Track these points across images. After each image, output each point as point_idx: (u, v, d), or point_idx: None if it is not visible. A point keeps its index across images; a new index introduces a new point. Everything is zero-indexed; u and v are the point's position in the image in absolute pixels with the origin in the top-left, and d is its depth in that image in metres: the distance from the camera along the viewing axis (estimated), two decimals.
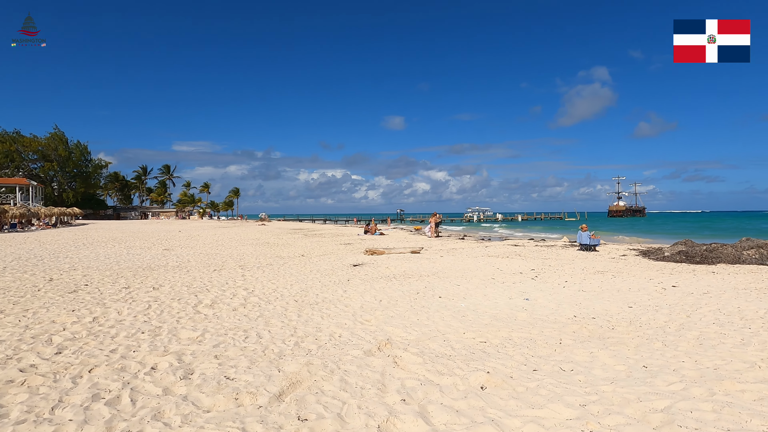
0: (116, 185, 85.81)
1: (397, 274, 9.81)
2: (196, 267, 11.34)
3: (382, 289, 7.84)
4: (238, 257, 13.93)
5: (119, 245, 18.77)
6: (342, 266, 11.39)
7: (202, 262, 12.61)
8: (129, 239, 22.58)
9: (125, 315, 5.72)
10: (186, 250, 16.41)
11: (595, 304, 6.30)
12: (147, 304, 6.34)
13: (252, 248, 17.53)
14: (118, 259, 13.23)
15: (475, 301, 6.62)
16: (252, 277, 9.39)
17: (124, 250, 16.22)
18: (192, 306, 6.27)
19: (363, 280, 8.89)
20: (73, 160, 69.20)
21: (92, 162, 73.92)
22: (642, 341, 4.49)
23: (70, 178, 70.27)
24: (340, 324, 5.31)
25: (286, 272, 10.29)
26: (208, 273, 10.13)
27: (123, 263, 12.11)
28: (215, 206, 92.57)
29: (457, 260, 12.28)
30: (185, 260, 13.03)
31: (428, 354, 4.08)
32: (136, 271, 10.49)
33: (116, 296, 7.08)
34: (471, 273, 9.79)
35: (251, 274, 9.97)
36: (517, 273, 9.84)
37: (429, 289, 7.74)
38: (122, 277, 9.46)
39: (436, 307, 6.24)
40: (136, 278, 9.18)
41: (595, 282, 8.45)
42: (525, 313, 5.77)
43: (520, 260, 12.27)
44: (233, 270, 10.70)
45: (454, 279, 8.95)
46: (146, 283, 8.47)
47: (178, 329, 5.03)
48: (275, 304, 6.52)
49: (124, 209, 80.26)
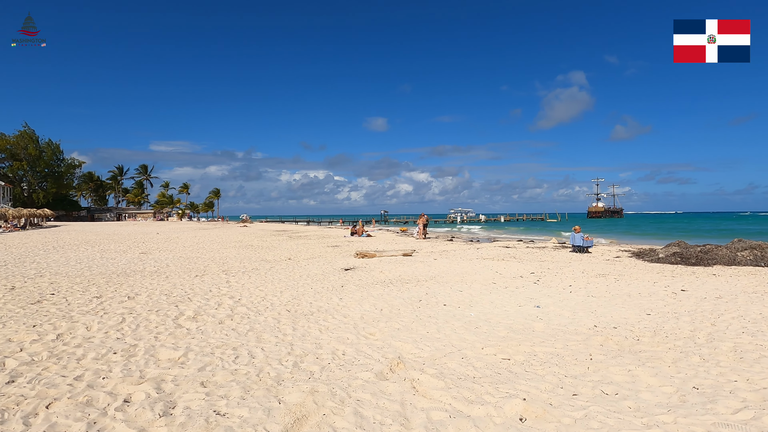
0: (90, 185, 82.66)
1: (393, 278, 9.29)
2: (175, 272, 10.57)
3: (381, 296, 7.31)
4: (221, 261, 13.17)
5: (92, 248, 17.68)
6: (333, 270, 10.81)
7: (183, 266, 11.82)
8: (103, 242, 21.41)
9: (95, 331, 5.03)
10: (165, 254, 15.51)
11: (611, 312, 5.92)
12: (121, 317, 5.65)
13: (235, 251, 16.74)
14: (91, 263, 12.30)
15: (483, 310, 6.16)
16: (238, 284, 8.72)
17: (98, 254, 15.22)
18: (172, 319, 5.61)
19: (358, 286, 8.34)
20: (44, 160, 66.25)
21: (65, 161, 70.95)
22: (677, 355, 4.09)
23: (41, 178, 67.25)
24: (342, 339, 4.75)
25: (274, 277, 9.64)
26: (189, 279, 9.40)
27: (95, 268, 11.22)
28: (195, 207, 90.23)
29: (452, 263, 11.84)
30: (164, 265, 12.21)
31: (449, 376, 3.57)
32: (110, 277, 9.67)
33: (86, 307, 6.34)
34: (470, 277, 9.35)
35: (236, 280, 9.29)
36: (517, 277, 9.45)
37: (431, 295, 7.25)
38: (94, 284, 8.66)
39: (444, 316, 5.75)
40: (110, 286, 8.40)
41: (601, 286, 8.11)
42: (541, 323, 5.33)
43: (517, 263, 11.92)
44: (217, 275, 9.99)
45: (455, 284, 8.49)
46: (120, 292, 7.71)
47: (157, 348, 4.38)
48: (266, 315, 5.91)
49: (98, 210, 77.37)
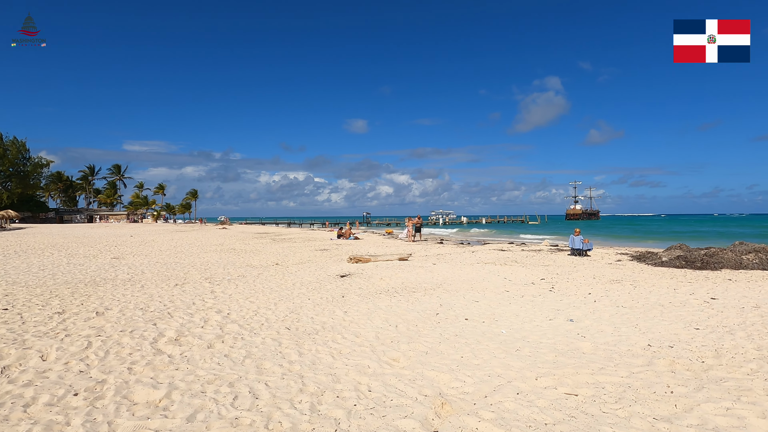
0: (59, 186, 78.75)
1: (397, 287, 8.51)
2: (152, 280, 9.50)
3: (390, 308, 6.51)
4: (202, 267, 12.11)
5: (59, 253, 16.24)
6: (327, 277, 9.94)
7: (160, 273, 10.73)
8: (71, 245, 19.85)
9: (52, 361, 4.06)
10: (139, 259, 14.29)
11: (656, 327, 5.30)
12: (86, 341, 4.67)
13: (217, 256, 15.63)
14: (55, 271, 11.06)
15: (512, 325, 5.45)
16: (224, 294, 7.77)
17: (64, 259, 13.88)
18: (150, 342, 4.67)
19: (361, 297, 7.52)
20: (9, 158, 62.54)
21: (31, 160, 67.16)
22: (765, 384, 3.46)
23: (5, 178, 63.49)
24: (362, 367, 3.94)
25: (264, 286, 8.72)
26: (168, 289, 8.38)
27: (60, 276, 10.03)
28: (171, 209, 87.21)
29: (453, 268, 11.14)
30: (138, 272, 11.08)
31: (513, 423, 2.82)
32: (76, 287, 8.55)
33: (44, 327, 5.31)
34: (479, 285, 8.66)
35: (222, 289, 8.33)
36: (528, 283, 8.82)
37: (447, 307, 6.49)
38: (56, 296, 7.56)
39: (473, 335, 5.00)
40: (75, 298, 7.32)
41: (623, 294, 7.54)
42: (586, 342, 4.65)
43: (522, 268, 11.32)
44: (199, 284, 8.99)
45: (466, 293, 7.77)
46: (87, 306, 6.67)
47: (131, 385, 3.47)
48: (263, 335, 5.04)
49: (68, 212, 73.75)
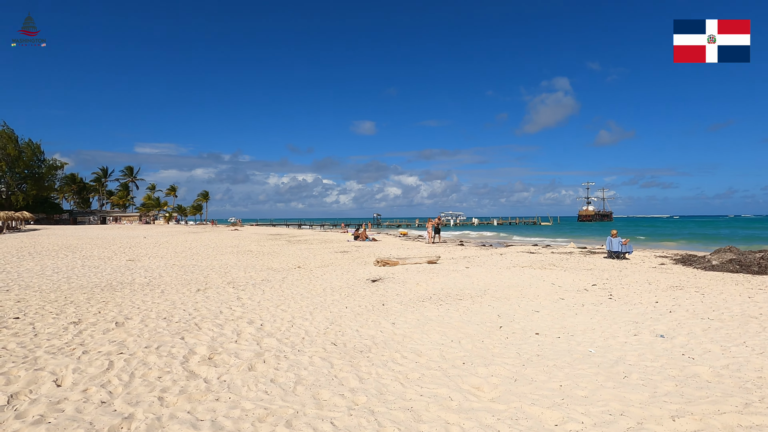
0: (73, 188, 79.40)
1: (439, 293, 7.77)
2: (172, 285, 8.89)
3: (442, 319, 5.78)
4: (222, 270, 11.50)
5: (73, 255, 15.80)
6: (358, 282, 9.25)
7: (179, 277, 10.13)
8: (86, 247, 19.46)
9: (68, 386, 3.41)
10: (156, 261, 13.75)
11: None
12: (107, 360, 4.02)
13: (235, 258, 15.04)
14: (70, 274, 10.53)
15: (594, 342, 4.68)
16: (251, 301, 7.11)
17: (79, 261, 13.40)
18: (180, 361, 4.00)
19: (403, 304, 6.80)
20: (24, 160, 63.11)
21: (46, 162, 67.74)
22: None
23: (20, 180, 64.06)
24: (441, 399, 3.22)
25: (293, 292, 8.05)
26: (190, 294, 7.75)
27: (75, 280, 9.48)
28: (183, 210, 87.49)
29: (490, 273, 10.37)
30: (156, 275, 10.50)
31: None
32: (92, 292, 7.97)
33: (58, 340, 4.69)
34: (528, 291, 7.89)
35: (248, 295, 7.67)
36: (581, 290, 8.02)
37: (507, 319, 5.74)
38: (71, 302, 6.97)
39: (556, 354, 4.25)
40: (92, 305, 6.72)
41: (696, 303, 6.71)
42: (701, 366, 3.86)
43: (563, 272, 10.51)
44: (222, 289, 8.35)
45: (519, 301, 7.01)
46: (106, 314, 6.05)
47: (165, 422, 2.80)
48: (308, 353, 4.34)
49: (81, 213, 74.25)
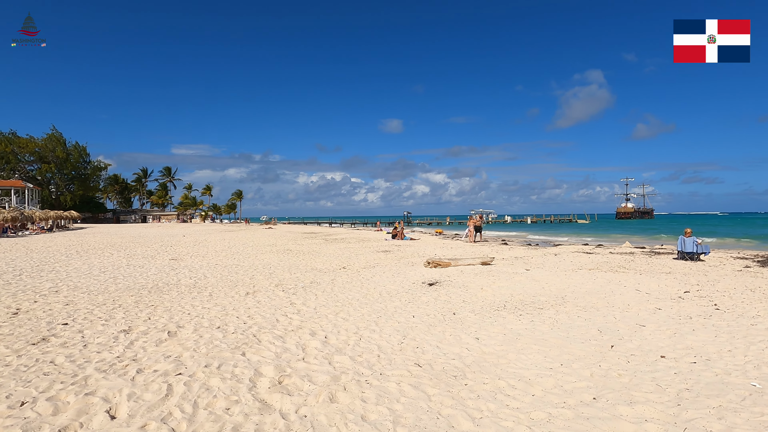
0: (116, 188, 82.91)
1: (512, 301, 6.93)
2: (218, 287, 8.46)
3: (531, 334, 4.96)
4: (266, 271, 11.06)
5: (118, 253, 15.91)
6: (413, 285, 8.52)
7: (224, 278, 9.74)
8: (129, 245, 19.72)
9: (123, 419, 2.85)
10: (198, 261, 13.54)
11: None
12: (164, 382, 3.46)
13: (276, 257, 14.66)
14: (116, 273, 10.36)
15: (745, 369, 3.75)
16: (306, 307, 6.52)
17: (124, 260, 13.36)
18: (247, 386, 3.39)
19: (477, 314, 6.01)
20: (71, 162, 66.29)
21: (91, 164, 70.93)
22: None
23: (68, 181, 67.32)
24: None
25: (348, 296, 7.41)
26: (239, 298, 7.26)
27: (121, 281, 9.24)
28: (217, 209, 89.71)
29: (558, 276, 9.40)
30: (201, 276, 10.16)
31: None
32: (140, 294, 7.62)
33: (108, 353, 4.21)
34: (613, 299, 6.91)
35: (301, 300, 7.09)
36: (675, 298, 6.97)
37: (612, 335, 4.84)
38: (120, 305, 6.60)
39: (710, 388, 3.37)
40: (140, 309, 6.32)
41: None
42: None
43: (640, 276, 9.39)
44: (272, 293, 7.83)
45: (608, 311, 6.07)
46: (156, 321, 5.59)
47: None
48: (392, 377, 3.64)
49: (123, 212, 77.41)
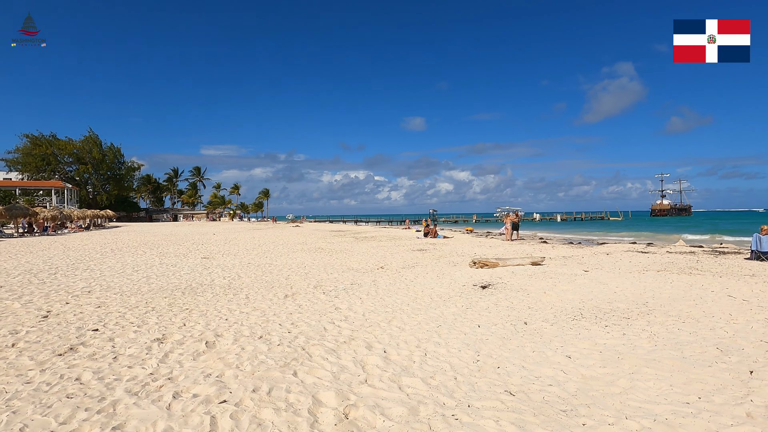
0: (148, 187, 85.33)
1: (585, 307, 6.03)
2: (254, 288, 7.93)
3: (633, 352, 4.09)
4: (301, 271, 10.50)
5: (151, 251, 15.80)
6: (464, 288, 7.73)
7: (259, 278, 9.22)
8: (162, 243, 19.72)
9: None
10: (230, 259, 13.16)
11: None
12: (205, 413, 2.82)
13: (309, 256, 14.14)
14: (149, 272, 10.03)
15: None
16: (353, 313, 5.85)
17: (157, 259, 13.13)
18: (308, 422, 2.70)
19: (552, 323, 5.17)
20: (107, 163, 68.49)
21: (125, 164, 73.15)
22: None
23: (104, 181, 69.63)
24: None
25: (395, 300, 6.70)
26: (278, 301, 6.67)
27: (154, 281, 8.85)
28: (245, 208, 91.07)
29: (625, 279, 8.39)
30: (235, 275, 9.69)
31: None
32: (173, 295, 7.16)
33: (141, 369, 3.65)
34: (708, 308, 5.91)
35: (346, 304, 6.43)
36: None
37: (740, 355, 3.91)
38: (153, 308, 6.12)
39: None
40: (175, 313, 5.80)
41: None
42: None
43: (721, 278, 8.27)
44: (312, 295, 7.21)
45: (711, 322, 5.11)
46: (192, 327, 5.04)
47: None
48: (484, 411, 2.89)
49: (156, 211, 79.58)
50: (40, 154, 62.44)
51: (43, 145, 63.24)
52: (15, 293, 7.42)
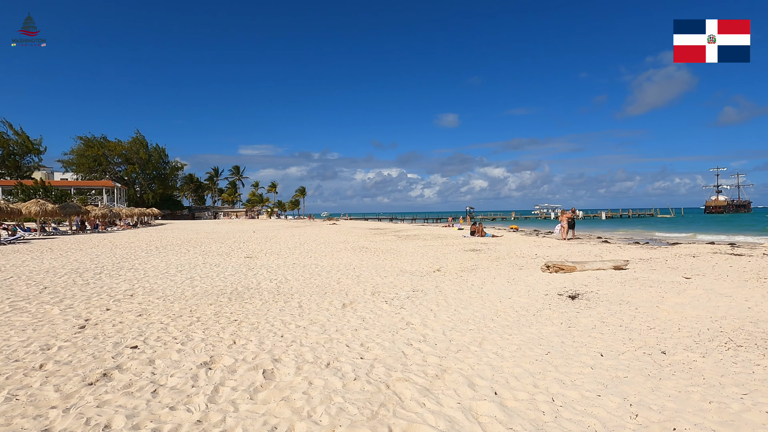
0: (191, 186, 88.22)
1: (730, 329, 4.72)
2: (305, 294, 7.10)
3: None
4: (351, 273, 9.62)
5: (194, 249, 15.51)
6: (547, 298, 6.54)
7: (308, 282, 8.41)
8: (204, 242, 19.57)
9: None
10: (273, 259, 12.53)
11: None
12: None
13: (355, 256, 13.29)
14: (192, 273, 9.48)
15: None
16: (430, 330, 4.84)
17: (200, 258, 12.71)
18: None
19: (714, 359, 3.93)
20: (153, 163, 71.19)
21: (169, 164, 75.82)
22: None
23: (150, 180, 72.47)
24: None
25: (472, 313, 5.64)
26: (336, 312, 5.77)
27: (198, 283, 8.24)
28: (282, 206, 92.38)
29: (752, 291, 6.90)
30: (281, 278, 8.94)
31: None
32: (219, 301, 6.44)
33: (185, 413, 2.80)
34: None
35: (417, 318, 5.43)
36: None
37: None
38: (198, 319, 5.38)
39: None
40: (222, 327, 5.02)
41: None
42: None
43: None
44: (372, 304, 6.27)
45: None
46: (243, 346, 4.22)
47: None
48: None
49: (198, 209, 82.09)
50: (92, 155, 65.71)
51: (94, 146, 66.51)
52: (57, 296, 6.96)
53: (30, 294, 7.13)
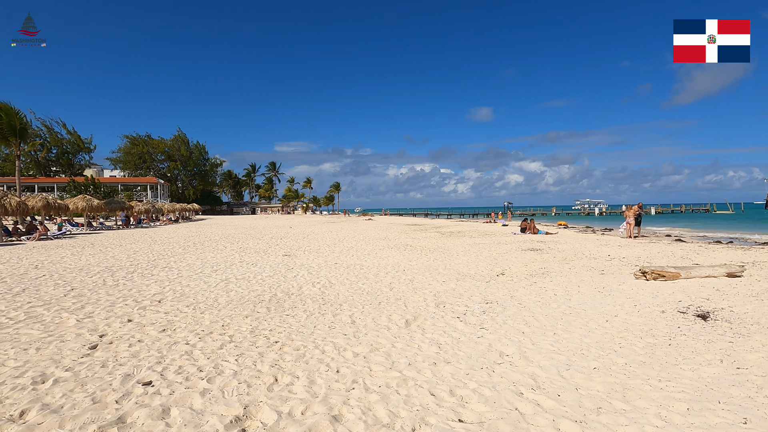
0: (229, 182, 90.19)
1: None
2: (356, 303, 5.95)
3: None
4: (402, 276, 8.41)
5: (231, 246, 14.84)
6: (666, 317, 5.05)
7: (356, 286, 7.28)
8: (242, 237, 19.01)
9: None
10: (313, 257, 11.53)
11: None
12: None
13: (400, 255, 12.08)
14: (228, 274, 8.59)
15: None
16: (541, 370, 3.53)
17: (237, 255, 11.93)
18: None
19: None
20: (193, 160, 72.97)
21: (209, 161, 77.55)
22: None
23: (191, 176, 74.41)
24: None
25: (580, 340, 4.27)
26: (400, 332, 4.57)
27: (233, 287, 7.30)
28: (317, 201, 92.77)
29: None
30: (325, 281, 7.86)
31: None
32: (256, 312, 5.40)
33: None
34: None
35: (509, 346, 4.13)
36: None
37: None
38: (231, 339, 4.34)
39: None
40: (260, 352, 3.94)
41: None
42: None
43: None
44: (443, 321, 5.02)
45: None
46: (286, 388, 3.10)
47: None
48: None
49: (236, 205, 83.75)
50: (138, 152, 68.12)
51: (139, 144, 68.92)
52: (81, 300, 6.18)
53: (54, 297, 6.41)
